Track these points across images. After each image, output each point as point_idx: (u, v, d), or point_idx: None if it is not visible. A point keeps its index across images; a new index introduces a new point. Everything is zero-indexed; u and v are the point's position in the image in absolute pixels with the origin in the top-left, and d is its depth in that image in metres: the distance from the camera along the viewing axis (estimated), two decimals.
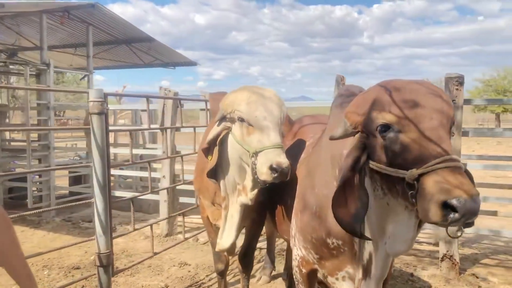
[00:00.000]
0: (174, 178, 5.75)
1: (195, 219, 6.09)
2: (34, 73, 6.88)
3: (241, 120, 2.33)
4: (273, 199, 2.74)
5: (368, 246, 1.80)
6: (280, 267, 4.42)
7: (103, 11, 7.03)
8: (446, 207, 1.23)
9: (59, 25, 7.50)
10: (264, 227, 3.45)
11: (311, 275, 2.15)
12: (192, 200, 6.01)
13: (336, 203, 1.60)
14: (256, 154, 2.23)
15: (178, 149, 5.67)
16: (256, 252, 4.48)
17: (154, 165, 6.82)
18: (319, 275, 2.11)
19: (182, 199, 5.97)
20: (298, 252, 2.16)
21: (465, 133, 4.20)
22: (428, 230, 5.58)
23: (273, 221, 2.79)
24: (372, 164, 1.53)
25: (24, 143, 8.70)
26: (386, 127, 1.44)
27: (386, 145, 1.45)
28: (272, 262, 4.27)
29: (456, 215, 1.22)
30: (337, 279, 2.01)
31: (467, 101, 4.34)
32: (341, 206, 1.60)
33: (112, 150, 7.17)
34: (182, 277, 4.31)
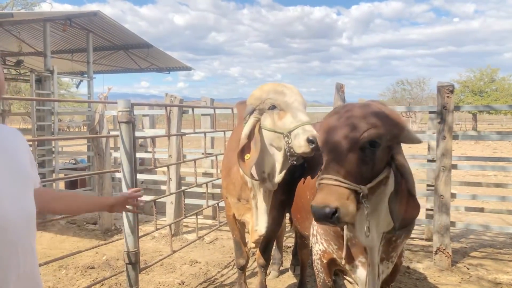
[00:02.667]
0: (180, 180, 6.01)
1: (199, 220, 6.36)
2: (34, 78, 7.02)
3: (272, 108, 2.67)
4: (293, 200, 3.03)
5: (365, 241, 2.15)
6: (286, 263, 4.73)
7: (104, 19, 7.22)
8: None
9: (59, 32, 7.65)
10: None
11: (330, 264, 2.48)
12: (195, 202, 6.30)
13: None
14: (290, 133, 2.56)
15: (184, 153, 5.94)
16: None
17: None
18: (338, 263, 2.43)
19: (187, 201, 6.23)
20: (320, 247, 2.47)
21: (455, 137, 4.59)
22: (417, 227, 5.98)
23: (295, 219, 3.09)
24: None
25: None
26: None
27: None
28: (280, 258, 4.58)
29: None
30: (352, 266, 2.34)
31: (457, 108, 4.73)
32: None
33: (114, 154, 7.37)
34: (196, 274, 4.58)
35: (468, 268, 4.52)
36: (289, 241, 5.47)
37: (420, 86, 46.95)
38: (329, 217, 1.64)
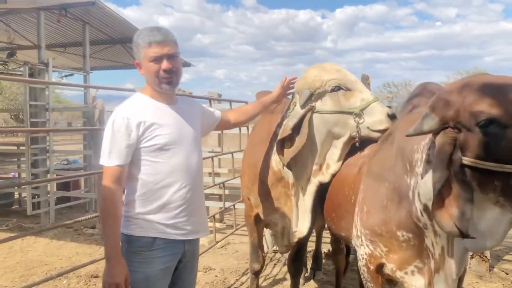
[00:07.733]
0: None
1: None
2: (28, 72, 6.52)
3: (336, 89, 2.39)
4: (324, 196, 2.65)
5: (441, 241, 1.79)
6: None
7: (102, 9, 6.76)
8: None
9: (53, 23, 7.15)
10: None
11: (379, 270, 2.11)
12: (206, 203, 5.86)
13: (436, 206, 1.58)
14: (362, 112, 2.34)
15: None
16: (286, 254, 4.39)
17: None
18: (387, 270, 2.05)
19: None
20: (365, 250, 2.11)
21: None
22: None
23: (330, 218, 2.67)
24: (467, 160, 1.48)
25: (13, 147, 8.30)
26: (489, 122, 1.40)
27: (488, 140, 1.42)
28: (305, 264, 4.21)
29: None
30: (406, 273, 1.98)
31: None
32: (440, 209, 1.57)
33: None
34: (212, 282, 4.18)
35: (507, 273, 4.21)
36: (310, 245, 5.09)
37: (406, 88, 47.22)
38: None
